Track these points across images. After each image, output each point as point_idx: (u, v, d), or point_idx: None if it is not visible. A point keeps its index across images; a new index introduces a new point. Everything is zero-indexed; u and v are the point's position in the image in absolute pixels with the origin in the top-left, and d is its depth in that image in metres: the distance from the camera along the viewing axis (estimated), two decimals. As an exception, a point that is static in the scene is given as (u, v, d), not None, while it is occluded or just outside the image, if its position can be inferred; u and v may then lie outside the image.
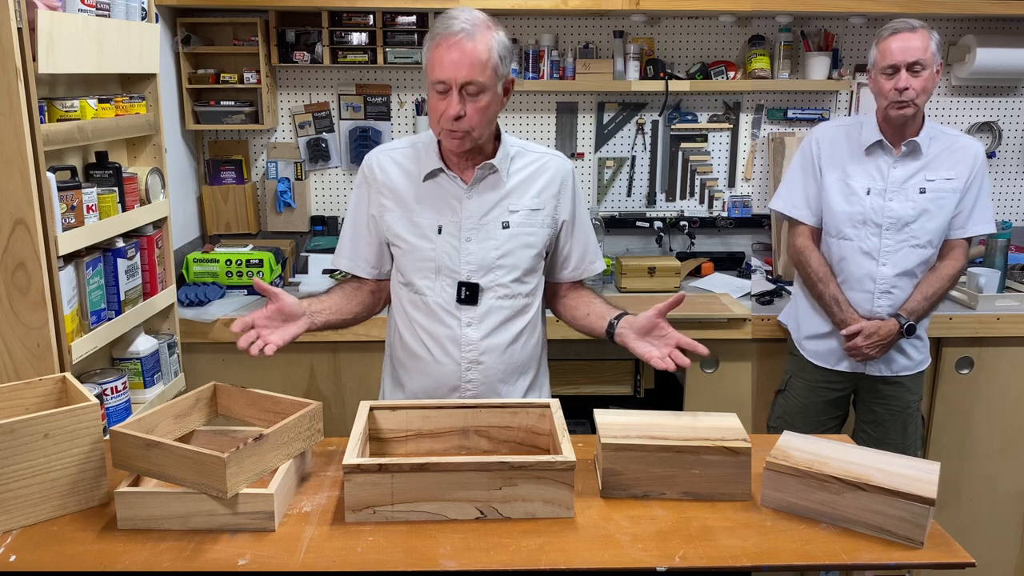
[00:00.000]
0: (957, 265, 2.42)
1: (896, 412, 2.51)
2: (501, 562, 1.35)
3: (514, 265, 1.85)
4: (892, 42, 2.27)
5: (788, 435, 1.61)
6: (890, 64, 2.26)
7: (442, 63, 1.68)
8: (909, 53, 2.24)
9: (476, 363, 1.86)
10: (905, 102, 2.27)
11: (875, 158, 2.39)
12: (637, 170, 3.37)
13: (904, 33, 2.26)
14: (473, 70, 1.68)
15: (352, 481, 1.43)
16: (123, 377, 2.12)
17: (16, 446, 1.40)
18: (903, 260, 2.37)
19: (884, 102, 2.31)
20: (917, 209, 2.35)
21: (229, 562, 1.34)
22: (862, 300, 2.41)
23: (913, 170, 2.37)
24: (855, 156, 2.41)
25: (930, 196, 2.36)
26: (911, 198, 2.36)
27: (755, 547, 1.38)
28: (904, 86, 2.25)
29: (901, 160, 2.37)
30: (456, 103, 1.69)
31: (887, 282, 2.38)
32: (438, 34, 1.70)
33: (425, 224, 1.84)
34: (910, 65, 2.24)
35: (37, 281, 1.82)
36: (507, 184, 1.85)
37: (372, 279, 1.96)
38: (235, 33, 3.10)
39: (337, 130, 3.29)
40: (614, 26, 3.22)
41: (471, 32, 1.68)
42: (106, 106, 2.10)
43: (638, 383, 2.94)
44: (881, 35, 2.30)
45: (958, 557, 1.38)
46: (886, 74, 2.28)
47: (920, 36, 2.25)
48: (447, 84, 1.69)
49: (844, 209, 2.40)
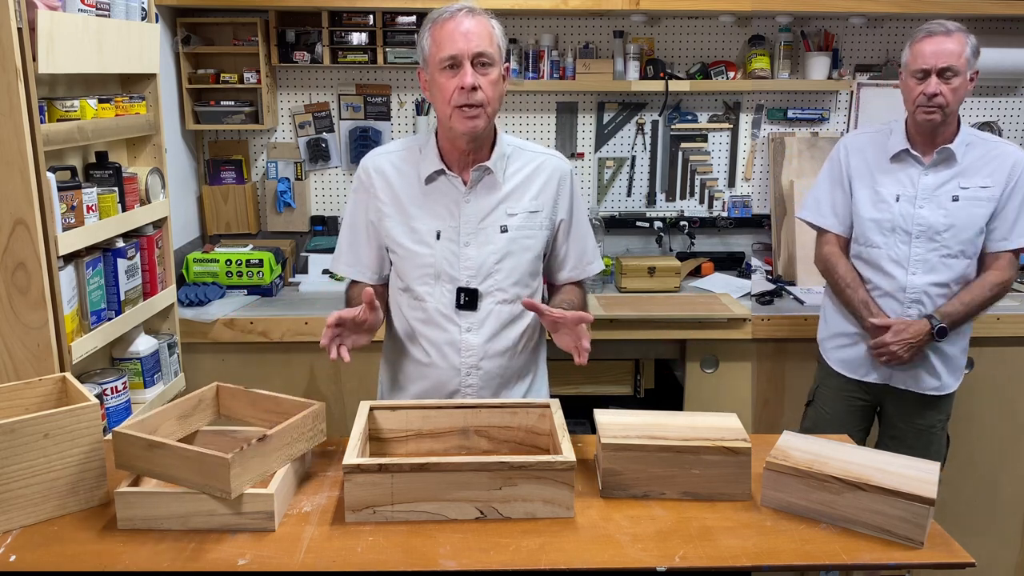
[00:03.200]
0: (1002, 276, 2.29)
1: (920, 430, 2.42)
2: (501, 562, 1.35)
3: (513, 269, 1.84)
4: (925, 45, 2.17)
5: (788, 435, 1.62)
6: (921, 68, 2.17)
7: (452, 38, 1.69)
8: (941, 58, 2.14)
9: (476, 368, 1.86)
10: (933, 108, 2.18)
11: (904, 166, 2.31)
12: (637, 170, 3.37)
13: (938, 36, 2.16)
14: (483, 41, 1.70)
15: (352, 481, 1.43)
16: (123, 377, 2.12)
17: (16, 446, 1.40)
18: (934, 270, 2.28)
19: (912, 106, 2.23)
20: (949, 217, 2.25)
21: (229, 562, 1.34)
22: (892, 310, 2.32)
23: (946, 177, 2.27)
24: (883, 164, 2.33)
25: (963, 204, 2.25)
26: (943, 206, 2.26)
27: (755, 547, 1.39)
28: (933, 92, 2.16)
29: (933, 167, 2.28)
30: (470, 73, 1.69)
31: (917, 292, 2.29)
32: (439, 17, 1.73)
33: (423, 230, 1.83)
34: (941, 71, 2.15)
35: (37, 281, 1.82)
36: (505, 186, 1.84)
37: (375, 284, 1.94)
38: (235, 33, 3.10)
39: (337, 130, 3.29)
40: (614, 26, 3.22)
41: (473, 10, 1.72)
42: (106, 106, 2.10)
43: (638, 383, 2.94)
44: (915, 36, 2.21)
45: (958, 557, 1.38)
46: (916, 78, 2.19)
47: (955, 40, 2.15)
48: (458, 58, 1.69)
49: (872, 216, 2.32)
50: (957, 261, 2.28)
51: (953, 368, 2.39)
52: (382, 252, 1.91)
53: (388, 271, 1.94)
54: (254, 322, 2.71)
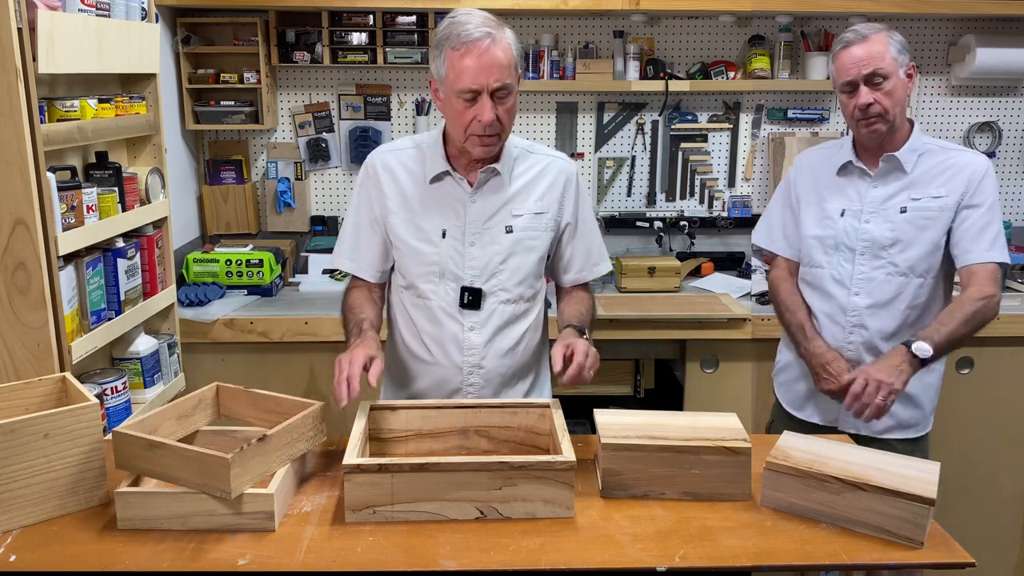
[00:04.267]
0: (982, 291, 1.98)
1: None
2: (501, 562, 1.35)
3: (517, 269, 1.85)
4: (844, 56, 1.99)
5: (788, 435, 1.62)
6: (846, 81, 1.99)
7: (472, 71, 1.65)
8: (864, 64, 1.96)
9: (478, 367, 1.86)
10: (872, 119, 1.99)
11: (851, 179, 2.12)
12: (637, 170, 3.37)
13: (856, 44, 1.98)
14: (503, 73, 1.67)
15: (352, 481, 1.43)
16: (123, 377, 2.12)
17: (16, 446, 1.40)
18: (878, 289, 2.07)
19: (852, 122, 2.04)
20: (895, 231, 2.05)
21: (229, 562, 1.34)
22: (833, 334, 2.12)
23: (896, 189, 2.07)
24: (831, 179, 2.15)
25: (911, 216, 2.04)
26: (890, 219, 2.06)
27: (755, 547, 1.38)
28: (866, 102, 1.97)
29: (882, 178, 2.08)
30: (490, 108, 1.68)
31: (859, 314, 2.08)
32: (461, 42, 1.66)
33: (429, 228, 1.83)
34: (868, 78, 1.96)
35: (37, 281, 1.82)
36: (511, 188, 1.85)
37: (375, 283, 1.93)
38: (235, 33, 3.10)
39: (337, 130, 3.29)
40: (614, 26, 3.22)
41: (494, 36, 1.67)
42: (106, 106, 2.10)
43: (638, 383, 2.94)
44: (834, 49, 2.04)
45: (958, 557, 1.38)
46: (846, 92, 2.01)
47: (874, 42, 1.97)
48: (477, 91, 1.67)
49: (815, 233, 2.14)
50: (906, 280, 2.06)
51: (911, 404, 2.13)
52: (385, 249, 1.90)
53: (388, 269, 1.93)
54: (254, 322, 2.71)
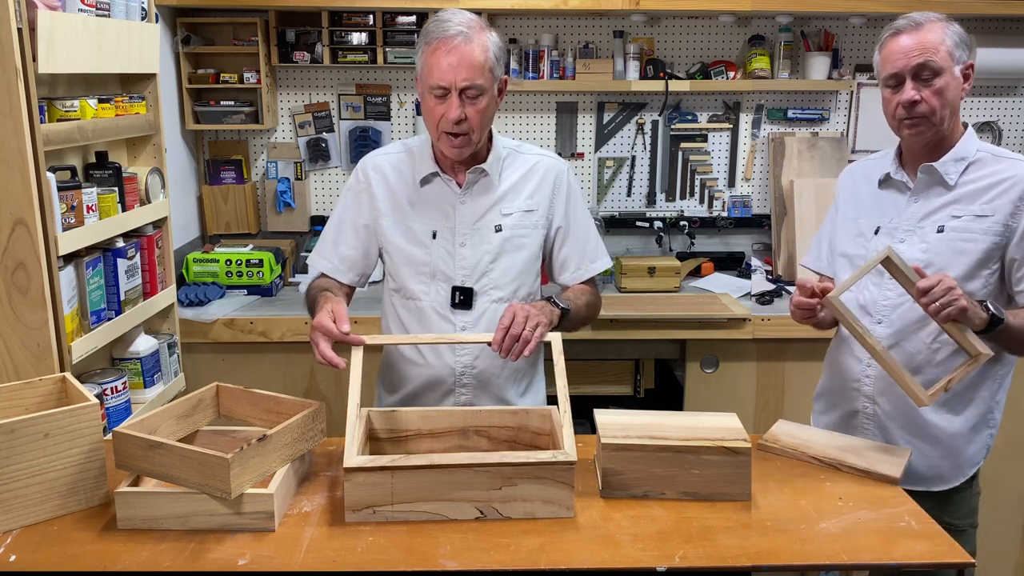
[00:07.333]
0: None
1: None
2: (501, 562, 1.35)
3: (508, 268, 1.85)
4: (892, 45, 1.73)
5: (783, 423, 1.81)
6: (891, 73, 1.73)
7: (440, 67, 1.67)
8: (914, 55, 1.69)
9: (470, 367, 1.86)
10: (916, 120, 1.72)
11: (891, 193, 1.86)
12: (637, 170, 3.37)
13: (905, 33, 1.72)
14: (472, 73, 1.67)
15: (352, 481, 1.43)
16: (123, 377, 2.12)
17: (16, 446, 1.40)
18: (902, 319, 1.80)
19: (894, 122, 1.77)
20: (928, 253, 1.77)
21: (229, 562, 1.34)
22: (851, 366, 1.90)
23: (938, 204, 1.79)
24: (873, 191, 1.90)
25: (949, 237, 1.76)
26: (925, 239, 1.78)
27: (755, 547, 1.38)
28: (910, 99, 1.70)
29: (922, 192, 1.81)
30: (456, 106, 1.68)
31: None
32: (434, 38, 1.68)
33: (419, 229, 1.84)
34: (916, 71, 1.70)
35: (37, 281, 1.82)
36: (500, 187, 1.85)
37: (348, 284, 1.92)
38: (235, 33, 3.10)
39: (337, 130, 3.29)
40: (614, 26, 3.22)
41: (468, 35, 1.67)
42: (106, 106, 2.10)
43: (638, 383, 2.94)
44: (881, 37, 1.78)
45: (958, 557, 1.38)
46: (889, 87, 1.75)
47: (928, 31, 1.70)
48: (446, 88, 1.68)
49: (846, 251, 1.90)
50: None
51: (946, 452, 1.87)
52: (365, 254, 1.90)
53: (367, 274, 1.93)
54: (254, 322, 2.71)
